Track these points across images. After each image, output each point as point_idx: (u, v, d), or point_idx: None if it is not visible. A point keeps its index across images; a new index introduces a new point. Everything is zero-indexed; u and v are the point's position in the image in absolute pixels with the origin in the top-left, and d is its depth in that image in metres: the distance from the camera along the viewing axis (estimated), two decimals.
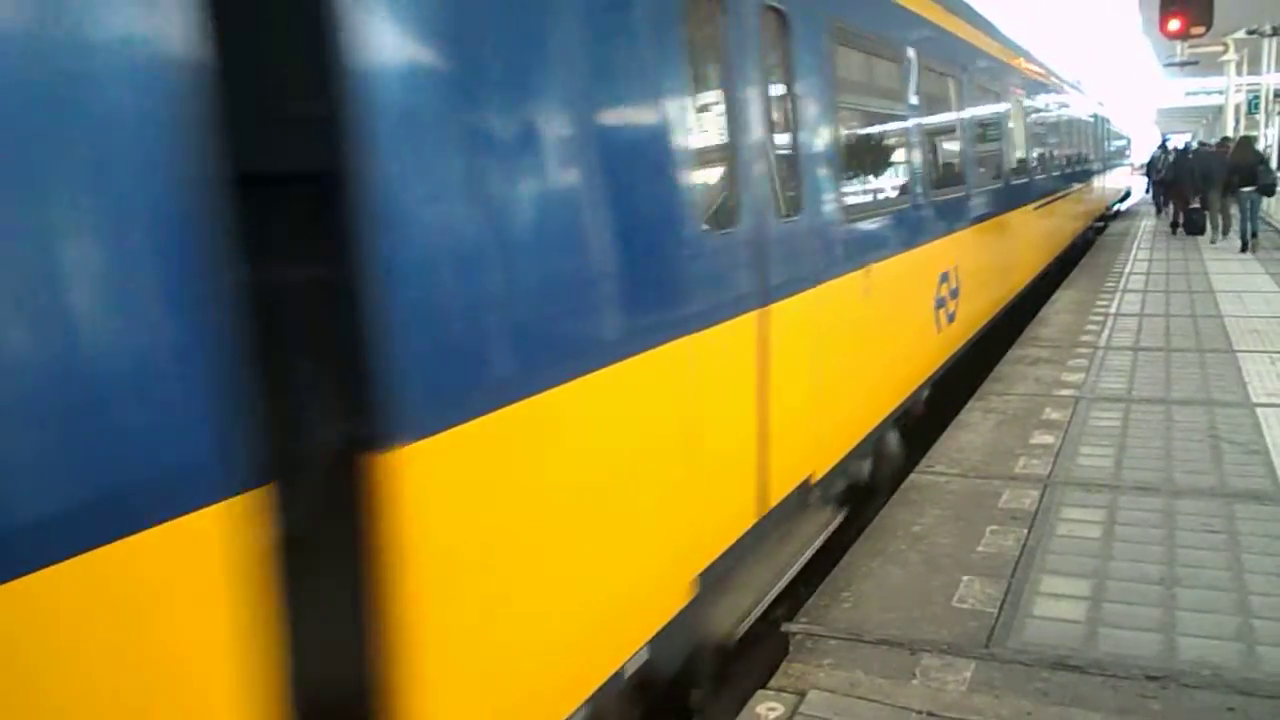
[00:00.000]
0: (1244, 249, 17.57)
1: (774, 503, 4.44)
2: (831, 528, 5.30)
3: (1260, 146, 22.44)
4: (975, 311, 9.05)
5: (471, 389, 2.58)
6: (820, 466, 5.04)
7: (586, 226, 3.11)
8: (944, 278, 7.74)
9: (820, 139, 5.12)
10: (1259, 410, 7.19)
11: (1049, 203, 14.41)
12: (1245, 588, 4.39)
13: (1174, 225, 22.68)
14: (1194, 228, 20.90)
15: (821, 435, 5.07)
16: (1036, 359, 9.47)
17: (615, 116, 3.30)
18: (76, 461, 1.77)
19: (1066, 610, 4.30)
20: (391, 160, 2.31)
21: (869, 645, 4.12)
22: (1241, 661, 3.81)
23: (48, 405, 1.70)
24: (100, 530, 1.77)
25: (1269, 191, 18.25)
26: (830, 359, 5.16)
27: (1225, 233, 19.21)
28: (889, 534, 5.28)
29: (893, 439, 6.67)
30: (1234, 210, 18.77)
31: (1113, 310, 12.05)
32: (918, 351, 7.19)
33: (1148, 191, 31.83)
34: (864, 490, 6.08)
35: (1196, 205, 21.00)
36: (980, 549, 5.00)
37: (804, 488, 4.82)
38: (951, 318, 8.01)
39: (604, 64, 3.23)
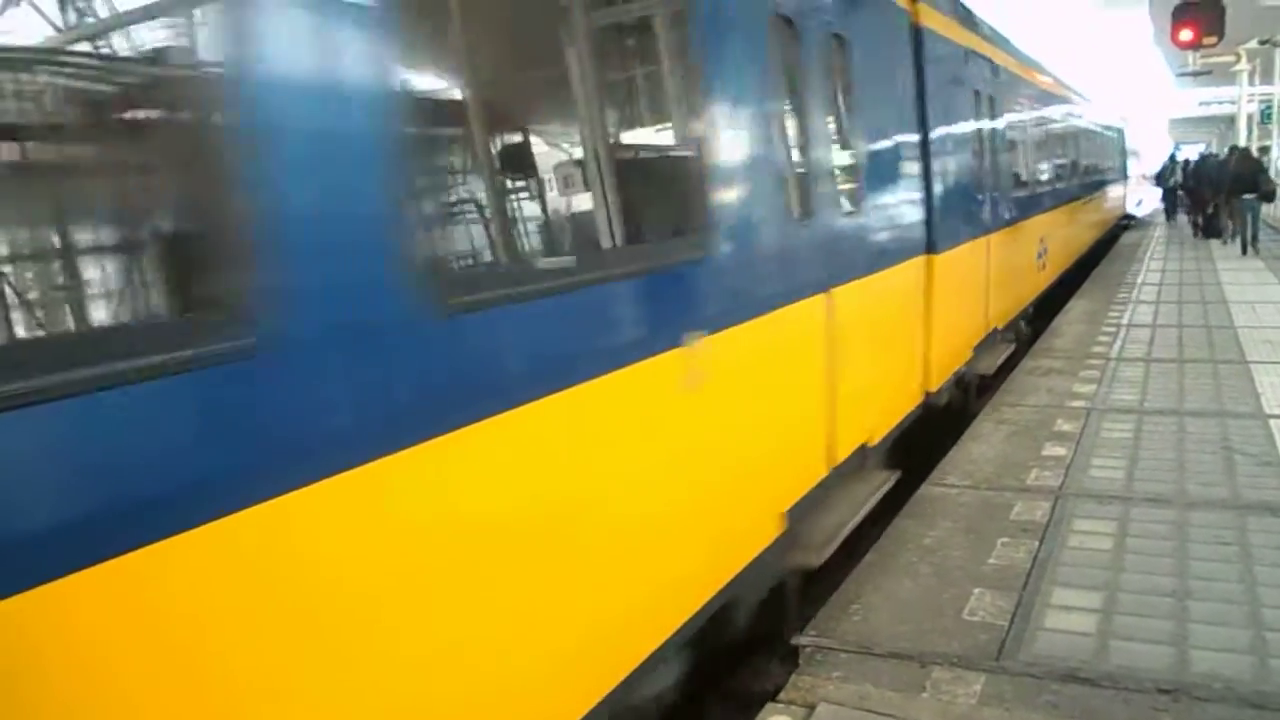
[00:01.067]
0: (1244, 252, 18.70)
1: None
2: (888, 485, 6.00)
3: (1275, 154, 25.76)
4: (1055, 263, 14.44)
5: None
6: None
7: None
8: (1040, 240, 13.06)
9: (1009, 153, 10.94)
10: (1272, 422, 7.15)
11: (1091, 200, 20.37)
12: (1258, 600, 4.37)
13: (1195, 228, 24.58)
14: (1212, 231, 22.56)
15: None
16: (1049, 370, 9.45)
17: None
18: None
19: (1078, 623, 4.28)
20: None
21: (879, 658, 4.12)
22: (1254, 674, 3.78)
23: None
24: None
25: (1269, 198, 19.73)
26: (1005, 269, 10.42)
27: (1235, 236, 20.09)
28: (900, 546, 5.27)
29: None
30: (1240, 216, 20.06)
31: (1125, 321, 12.02)
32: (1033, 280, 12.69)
33: (1163, 200, 32.24)
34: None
35: (1212, 211, 22.79)
36: (991, 561, 4.99)
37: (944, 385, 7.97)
38: (1043, 262, 13.35)
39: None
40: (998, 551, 5.10)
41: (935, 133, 7.54)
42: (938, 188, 7.52)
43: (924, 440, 7.18)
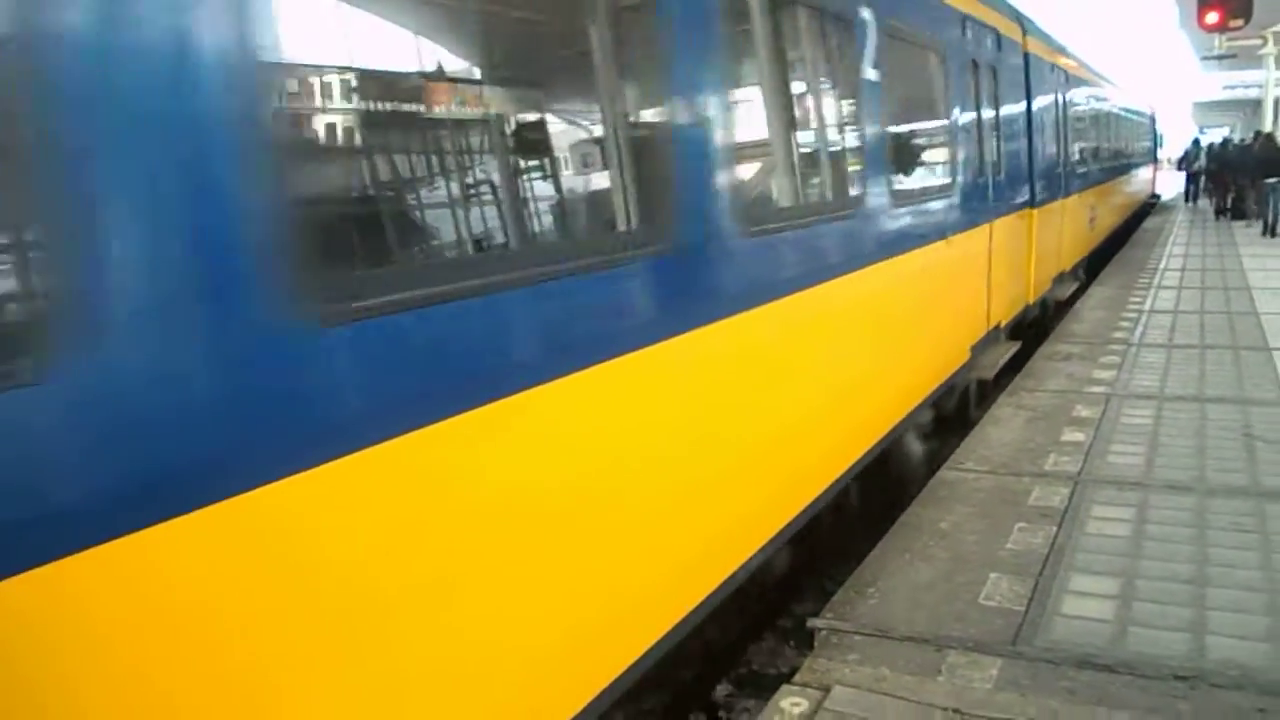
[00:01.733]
0: (1265, 233, 19.61)
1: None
2: (1013, 349, 9.53)
3: None
4: (1101, 227, 18.11)
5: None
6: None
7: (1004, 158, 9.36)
8: (1091, 207, 16.35)
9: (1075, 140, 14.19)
10: None
11: (1129, 177, 24.11)
12: (1277, 588, 4.35)
13: (1218, 211, 25.62)
14: (1238, 213, 23.77)
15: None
16: (1069, 355, 9.40)
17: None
18: None
19: (1095, 609, 4.27)
20: None
21: (895, 641, 4.12)
22: (1272, 662, 3.77)
23: None
24: None
25: None
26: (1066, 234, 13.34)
27: (1259, 219, 20.87)
28: (916, 531, 5.26)
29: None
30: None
31: (1146, 307, 11.93)
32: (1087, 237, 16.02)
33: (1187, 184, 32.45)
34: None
35: (1235, 194, 24.03)
36: (1009, 546, 4.98)
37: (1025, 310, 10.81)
38: (1093, 225, 16.81)
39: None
40: (1015, 537, 5.09)
41: (1036, 128, 11.06)
42: (1037, 166, 11.02)
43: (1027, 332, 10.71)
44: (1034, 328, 11.20)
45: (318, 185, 2.81)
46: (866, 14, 5.57)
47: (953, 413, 7.77)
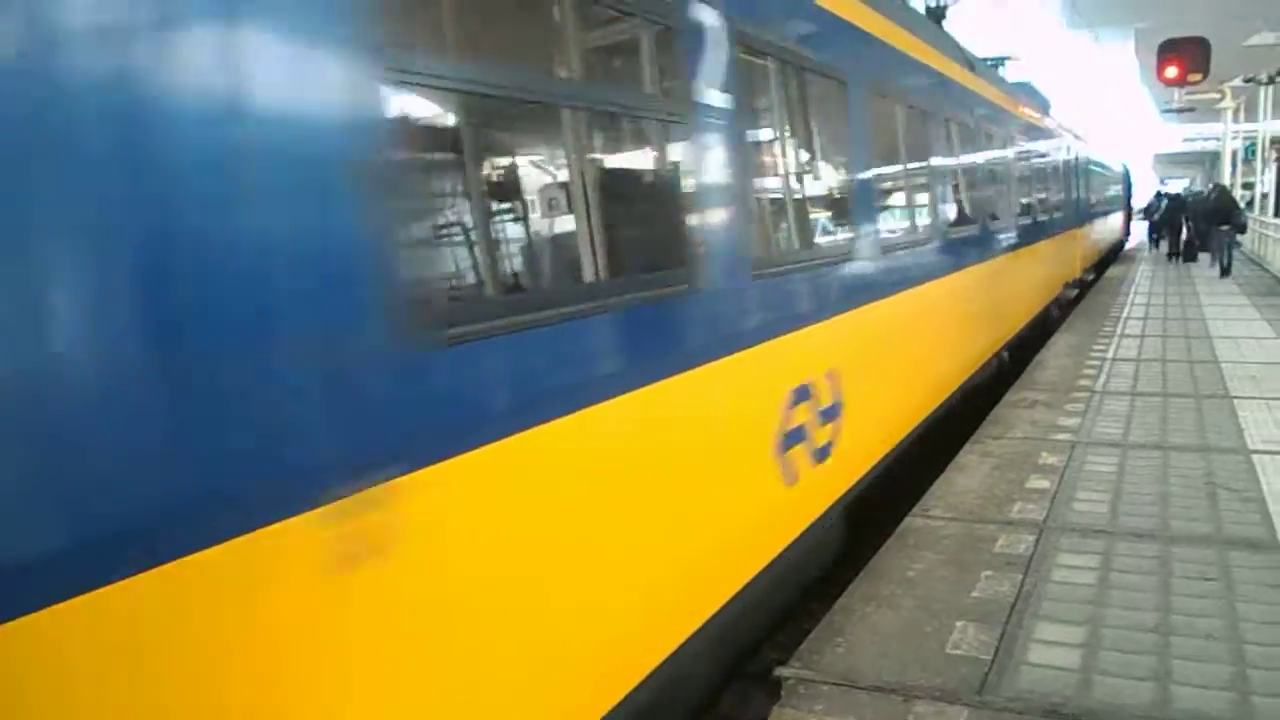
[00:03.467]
0: (1222, 275, 22.00)
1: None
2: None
3: (1258, 191, 32.53)
4: (1097, 248, 26.54)
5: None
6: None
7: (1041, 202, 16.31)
8: (1094, 232, 25.76)
9: (1084, 189, 23.21)
10: (1255, 457, 7.18)
11: (1113, 215, 32.67)
12: (1240, 636, 4.37)
13: (1170, 254, 28.52)
14: (1190, 255, 27.01)
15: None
16: (1033, 402, 9.48)
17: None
18: None
19: (1060, 657, 4.28)
20: None
21: (862, 691, 4.10)
22: (1235, 711, 3.78)
23: None
24: None
25: (1241, 230, 24.23)
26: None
27: (1214, 262, 23.32)
28: (883, 578, 5.26)
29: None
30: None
31: (1110, 355, 12.08)
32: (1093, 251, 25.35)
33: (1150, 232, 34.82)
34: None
35: (1187, 239, 27.41)
36: (975, 594, 4.98)
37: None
38: (1096, 246, 26.23)
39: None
40: (981, 584, 5.10)
41: (1077, 181, 20.70)
42: (1079, 206, 20.82)
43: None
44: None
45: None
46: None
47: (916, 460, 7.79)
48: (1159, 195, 34.07)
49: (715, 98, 4.21)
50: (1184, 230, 27.80)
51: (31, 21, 1.79)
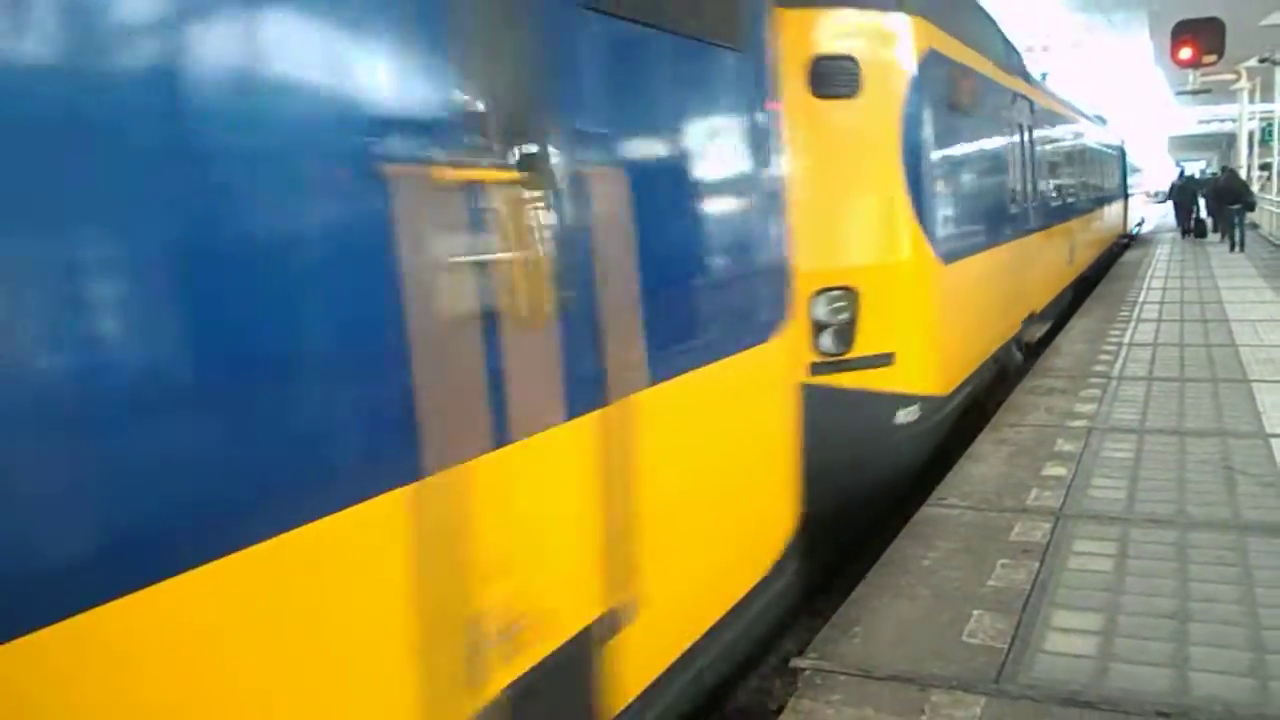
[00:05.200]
0: (1232, 249, 24.41)
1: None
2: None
3: (1275, 171, 35.54)
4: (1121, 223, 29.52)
5: None
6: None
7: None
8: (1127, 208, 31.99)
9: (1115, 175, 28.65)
10: (1273, 441, 7.15)
11: (1130, 197, 34.57)
12: (1259, 622, 4.36)
13: (1184, 232, 31.15)
14: (1200, 232, 29.88)
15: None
16: (1050, 389, 9.44)
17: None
18: None
19: (1077, 645, 4.27)
20: None
21: (878, 681, 4.10)
22: (1254, 698, 3.77)
23: None
24: None
25: (1250, 208, 26.42)
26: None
27: (1223, 238, 26.45)
28: (899, 568, 5.26)
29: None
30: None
31: (1127, 339, 12.02)
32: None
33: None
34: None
35: (1200, 217, 30.41)
36: (991, 583, 4.98)
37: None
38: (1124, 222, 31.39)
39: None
40: (997, 573, 5.09)
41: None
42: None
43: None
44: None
45: None
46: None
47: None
48: (1181, 178, 35.62)
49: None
50: (1194, 210, 30.73)
51: None
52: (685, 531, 3.65)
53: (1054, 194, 14.27)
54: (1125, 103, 43.49)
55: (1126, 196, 31.09)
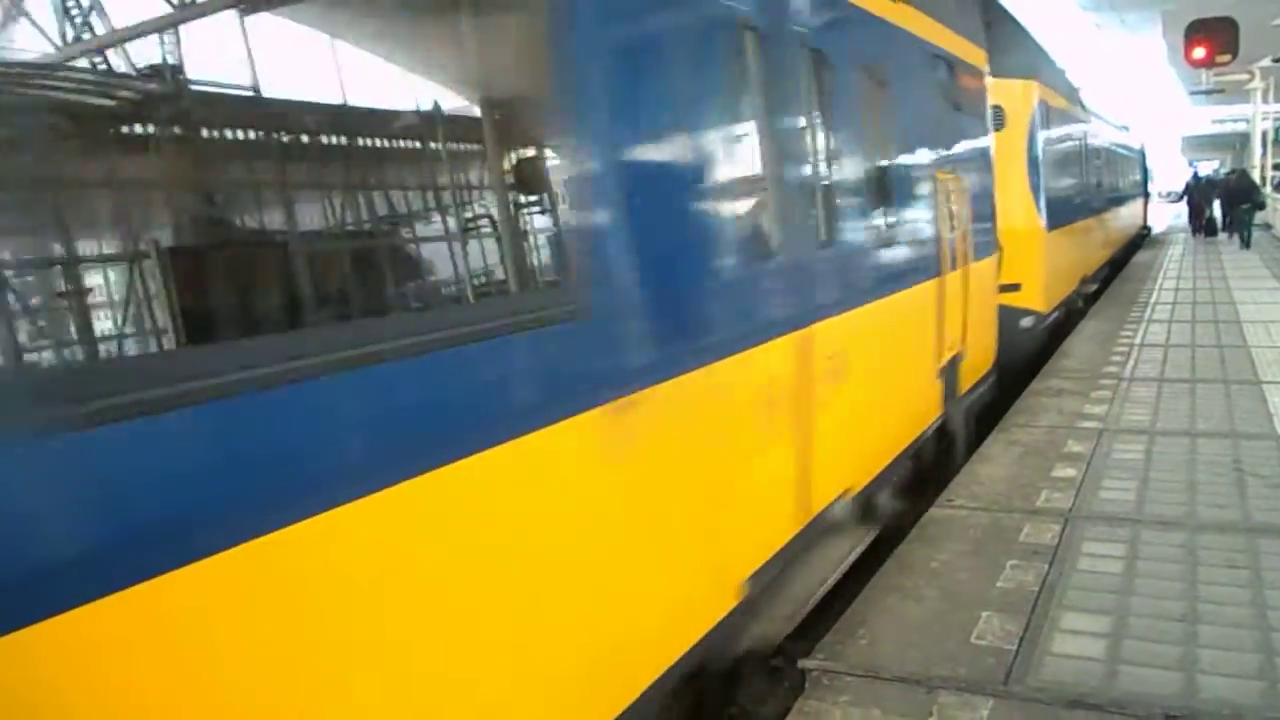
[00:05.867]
0: (1242, 246, 25.04)
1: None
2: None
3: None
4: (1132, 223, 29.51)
5: None
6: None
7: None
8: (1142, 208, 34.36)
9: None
10: None
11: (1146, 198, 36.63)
12: (1268, 625, 4.34)
13: (1194, 230, 31.70)
14: (1210, 230, 30.51)
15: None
16: (1060, 390, 9.42)
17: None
18: None
19: (1086, 647, 4.26)
20: None
21: (886, 682, 4.10)
22: (1264, 700, 3.76)
23: None
24: None
25: (1260, 207, 27.52)
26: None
27: (1232, 235, 27.35)
28: (907, 569, 5.25)
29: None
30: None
31: (1138, 340, 11.98)
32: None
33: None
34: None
35: (1211, 216, 30.99)
36: (1000, 584, 4.97)
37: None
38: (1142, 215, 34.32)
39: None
40: (1006, 574, 5.08)
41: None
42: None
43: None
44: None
45: None
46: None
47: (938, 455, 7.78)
48: (1195, 178, 35.81)
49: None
50: (1204, 209, 31.69)
51: None
52: (977, 344, 8.13)
53: (1099, 190, 19.46)
54: (1138, 103, 43.41)
55: (1146, 194, 36.74)
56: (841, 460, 5.14)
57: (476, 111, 3.38)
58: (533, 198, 3.46)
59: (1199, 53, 18.24)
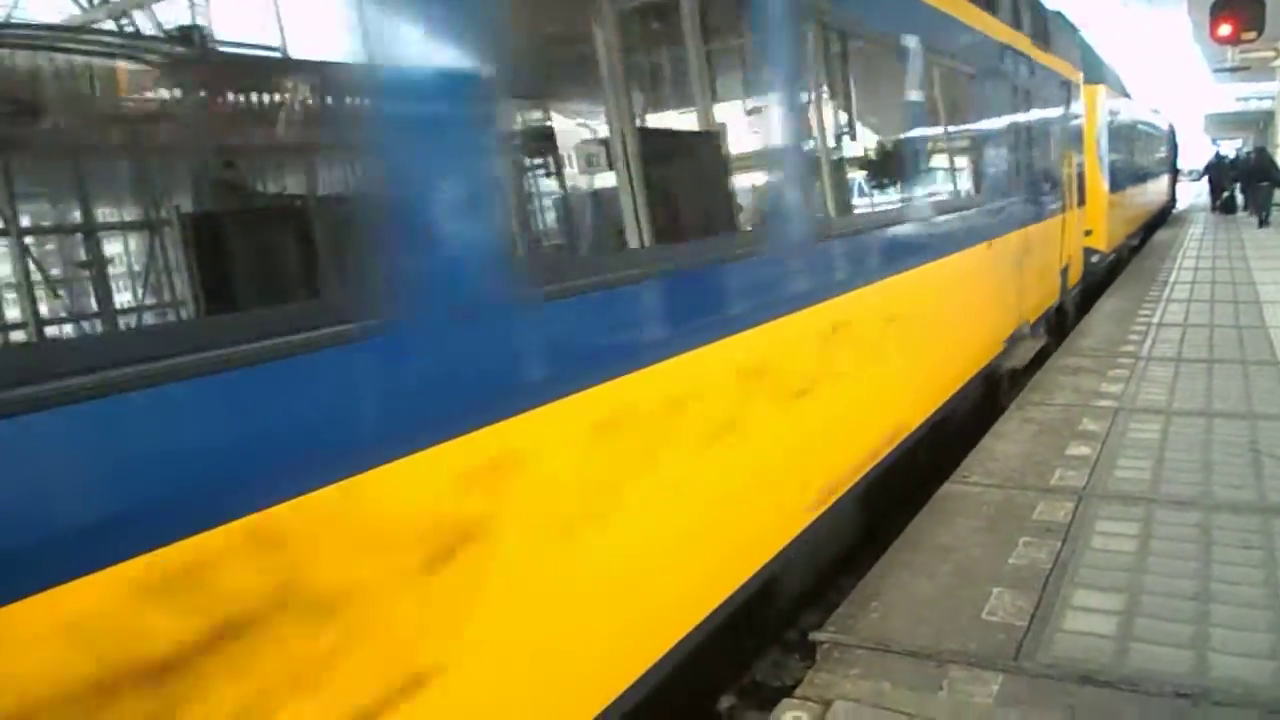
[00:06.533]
0: (1260, 224, 25.79)
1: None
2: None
3: None
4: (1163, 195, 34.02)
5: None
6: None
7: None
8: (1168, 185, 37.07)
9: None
10: None
11: (1174, 174, 41.11)
12: None
13: (1214, 208, 33.56)
14: (1228, 208, 31.89)
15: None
16: (1077, 369, 9.38)
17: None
18: None
19: (1098, 625, 4.27)
20: None
21: (896, 656, 4.12)
22: (1275, 680, 3.75)
23: None
24: None
25: (1278, 184, 27.39)
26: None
27: (1252, 213, 27.99)
28: (919, 545, 5.26)
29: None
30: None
31: (1156, 320, 11.90)
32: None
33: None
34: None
35: (1231, 194, 32.05)
36: (1012, 561, 4.97)
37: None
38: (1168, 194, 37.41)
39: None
40: (1019, 551, 5.08)
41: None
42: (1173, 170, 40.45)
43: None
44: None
45: None
46: None
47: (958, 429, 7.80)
48: (1218, 157, 36.90)
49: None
50: (1224, 188, 33.17)
51: None
52: (1074, 260, 13.56)
53: (1141, 165, 24.57)
54: (1162, 80, 43.31)
55: (1175, 170, 41.58)
56: (1030, 303, 10.20)
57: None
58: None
59: (1224, 29, 17.97)
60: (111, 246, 3.19)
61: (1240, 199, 31.02)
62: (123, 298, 3.20)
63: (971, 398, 7.94)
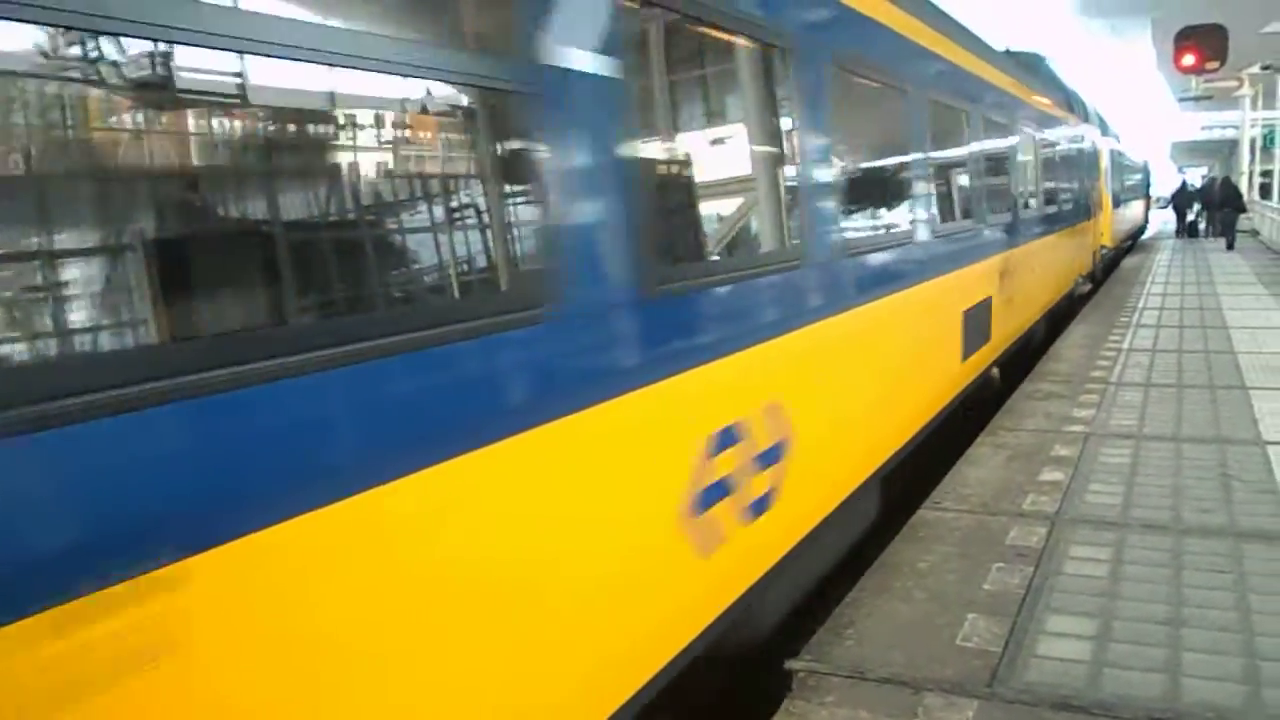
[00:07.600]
0: (1228, 248, 27.63)
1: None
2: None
3: (1276, 179, 37.45)
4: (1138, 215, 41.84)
5: None
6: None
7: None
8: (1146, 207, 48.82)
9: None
10: (1270, 448, 7.15)
11: (1148, 200, 50.49)
12: (1252, 629, 4.37)
13: (1177, 232, 36.29)
14: (1192, 232, 34.61)
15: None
16: (1048, 394, 9.45)
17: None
18: None
19: (1071, 650, 4.28)
20: None
21: (872, 683, 4.12)
22: (1246, 704, 3.78)
23: None
24: None
25: (1242, 210, 30.29)
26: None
27: (1214, 237, 31.14)
28: (894, 571, 5.27)
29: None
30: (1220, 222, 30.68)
31: (1125, 345, 12.03)
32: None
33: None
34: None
35: (1193, 220, 35.00)
36: (986, 587, 4.99)
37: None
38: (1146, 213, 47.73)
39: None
40: (992, 577, 5.10)
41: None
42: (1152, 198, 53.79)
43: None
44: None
45: None
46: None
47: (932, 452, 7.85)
48: (1183, 185, 41.01)
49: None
50: (1186, 213, 35.98)
51: None
52: (1095, 250, 21.62)
53: (1128, 189, 32.11)
54: (1128, 108, 44.01)
55: (1149, 195, 50.17)
56: (1082, 262, 18.53)
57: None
58: None
59: (1188, 59, 18.32)
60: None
61: (1202, 225, 34.00)
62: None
63: (1058, 312, 15.25)
